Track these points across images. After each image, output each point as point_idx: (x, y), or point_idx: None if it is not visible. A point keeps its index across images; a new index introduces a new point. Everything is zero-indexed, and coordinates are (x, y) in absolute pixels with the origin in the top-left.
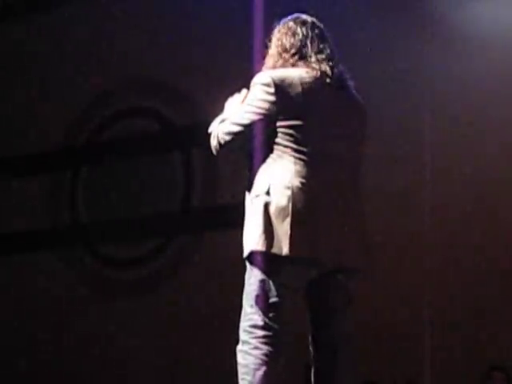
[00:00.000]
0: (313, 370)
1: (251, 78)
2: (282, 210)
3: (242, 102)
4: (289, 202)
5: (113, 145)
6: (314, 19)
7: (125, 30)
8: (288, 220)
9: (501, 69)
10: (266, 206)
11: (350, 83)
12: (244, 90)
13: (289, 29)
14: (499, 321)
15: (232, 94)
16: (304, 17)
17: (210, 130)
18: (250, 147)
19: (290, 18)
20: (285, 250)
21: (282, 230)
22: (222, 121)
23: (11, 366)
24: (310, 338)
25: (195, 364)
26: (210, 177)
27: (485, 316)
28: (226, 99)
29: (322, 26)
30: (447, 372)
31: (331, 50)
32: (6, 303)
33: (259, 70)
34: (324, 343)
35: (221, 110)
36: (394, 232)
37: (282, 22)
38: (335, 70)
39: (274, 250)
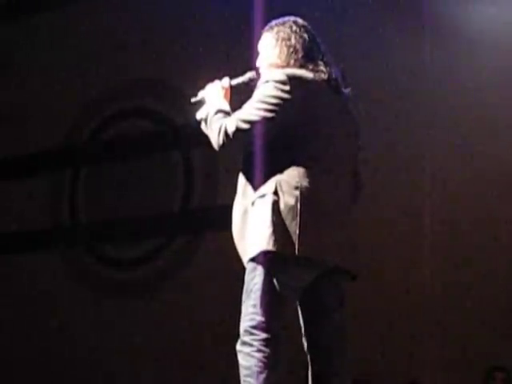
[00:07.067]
0: (309, 371)
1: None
2: (290, 210)
3: (228, 89)
4: (297, 202)
5: (113, 145)
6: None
7: (125, 29)
8: (296, 220)
9: (501, 68)
10: (274, 205)
11: (344, 90)
12: (226, 78)
13: (294, 31)
14: (499, 321)
15: (212, 80)
16: (301, 21)
17: (198, 118)
18: (256, 145)
19: (288, 19)
20: (294, 250)
21: (291, 229)
22: (219, 111)
23: (11, 366)
24: (304, 339)
25: (194, 364)
26: (209, 177)
27: (485, 316)
28: (204, 84)
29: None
30: (448, 372)
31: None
32: (6, 303)
33: (257, 70)
34: (319, 344)
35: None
36: (395, 233)
37: (278, 22)
38: (336, 76)
39: (284, 250)
